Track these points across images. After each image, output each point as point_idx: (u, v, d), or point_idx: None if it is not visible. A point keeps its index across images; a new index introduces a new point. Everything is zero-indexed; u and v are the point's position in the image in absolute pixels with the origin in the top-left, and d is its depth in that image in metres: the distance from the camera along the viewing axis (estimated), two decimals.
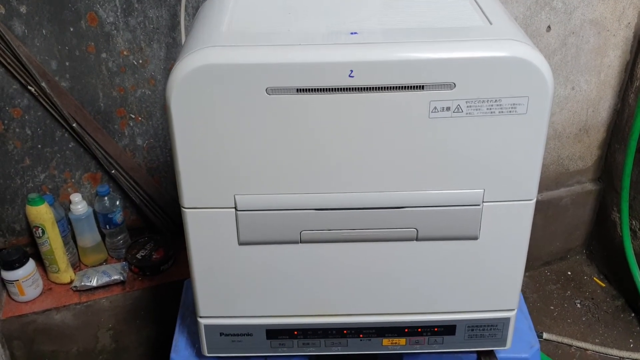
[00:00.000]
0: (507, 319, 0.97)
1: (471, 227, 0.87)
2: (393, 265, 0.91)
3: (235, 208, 0.84)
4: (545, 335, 1.66)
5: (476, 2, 0.88)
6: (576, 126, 1.66)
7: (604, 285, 1.84)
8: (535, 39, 1.45)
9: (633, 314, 1.74)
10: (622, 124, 1.67)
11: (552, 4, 1.42)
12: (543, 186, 1.74)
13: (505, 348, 1.01)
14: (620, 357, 1.61)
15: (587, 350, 1.63)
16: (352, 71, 0.74)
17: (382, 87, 0.76)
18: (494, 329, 0.98)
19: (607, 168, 1.77)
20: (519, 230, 0.89)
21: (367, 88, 0.76)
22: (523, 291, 1.67)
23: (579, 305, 1.78)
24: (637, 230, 1.68)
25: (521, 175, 0.84)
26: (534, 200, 0.86)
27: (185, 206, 0.84)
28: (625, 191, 1.63)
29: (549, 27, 1.45)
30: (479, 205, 0.85)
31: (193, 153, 0.80)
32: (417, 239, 0.87)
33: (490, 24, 0.81)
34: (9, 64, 1.26)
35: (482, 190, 0.84)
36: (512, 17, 0.87)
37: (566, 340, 1.65)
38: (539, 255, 1.86)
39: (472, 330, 0.98)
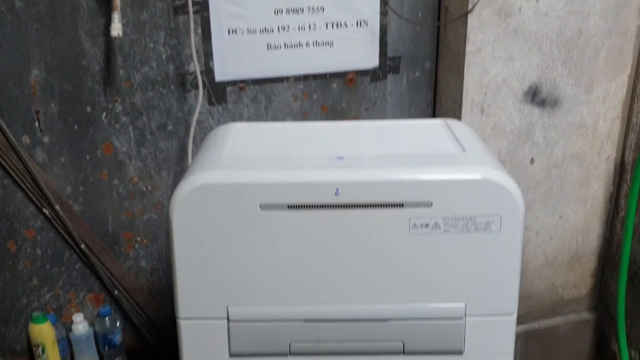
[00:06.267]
0: None
1: (455, 340, 0.90)
2: None
3: (227, 319, 0.88)
4: None
5: (452, 132, 0.98)
6: (567, 254, 1.70)
7: None
8: (520, 171, 1.55)
9: None
10: (612, 253, 1.72)
11: (533, 139, 1.53)
12: (539, 314, 1.75)
13: None
14: None
15: None
16: (337, 190, 0.82)
17: (365, 205, 0.83)
18: None
19: (602, 297, 1.79)
20: (503, 345, 0.92)
21: (351, 205, 0.83)
22: None
23: None
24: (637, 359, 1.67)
25: (500, 289, 0.88)
26: (515, 315, 0.90)
27: (181, 316, 0.89)
28: (621, 320, 1.64)
29: (532, 159, 1.55)
30: (461, 318, 0.89)
31: (191, 264, 0.86)
32: (403, 353, 0.90)
33: (464, 150, 0.90)
34: (27, 188, 1.36)
35: (464, 304, 0.88)
36: (484, 146, 0.96)
37: None
38: None
39: None
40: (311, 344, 0.89)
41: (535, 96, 1.48)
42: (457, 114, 1.47)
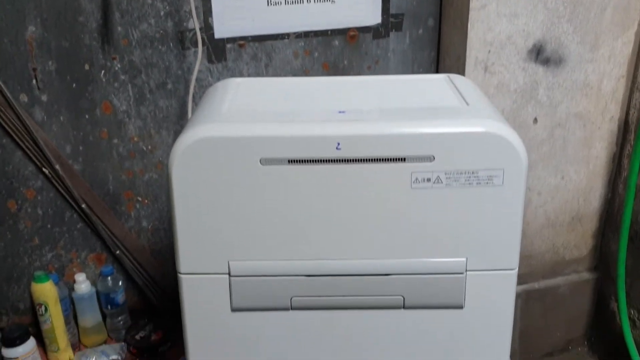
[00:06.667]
0: None
1: (456, 295, 0.90)
2: (382, 334, 0.93)
3: (228, 274, 0.88)
4: None
5: (455, 86, 0.97)
6: (569, 215, 1.70)
7: None
8: (522, 130, 1.53)
9: None
10: (613, 213, 1.71)
11: (537, 98, 1.51)
12: (540, 274, 1.76)
13: None
14: None
15: None
16: (339, 144, 0.81)
17: (367, 159, 0.82)
18: None
19: (602, 257, 1.80)
20: (503, 301, 0.92)
21: (353, 160, 0.82)
22: None
23: None
24: (636, 319, 1.68)
25: (502, 244, 0.88)
26: (516, 270, 0.90)
27: (182, 271, 0.89)
28: (620, 279, 1.65)
29: (535, 119, 1.54)
30: (462, 273, 0.88)
31: (191, 219, 0.85)
32: (404, 307, 0.90)
33: (467, 104, 0.89)
34: (27, 147, 1.35)
35: (465, 259, 0.88)
36: (488, 100, 0.95)
37: None
38: (540, 346, 1.85)
39: None
40: (312, 299, 0.89)
41: (539, 54, 1.46)
42: (460, 72, 1.45)
